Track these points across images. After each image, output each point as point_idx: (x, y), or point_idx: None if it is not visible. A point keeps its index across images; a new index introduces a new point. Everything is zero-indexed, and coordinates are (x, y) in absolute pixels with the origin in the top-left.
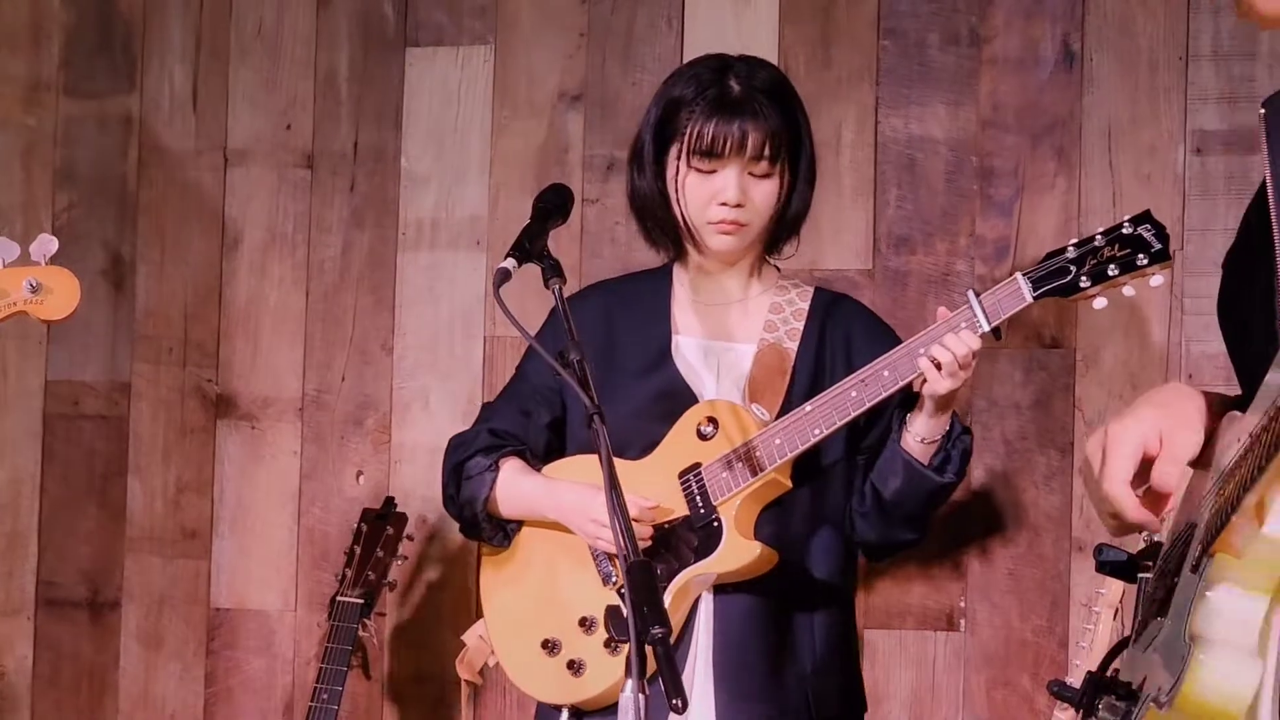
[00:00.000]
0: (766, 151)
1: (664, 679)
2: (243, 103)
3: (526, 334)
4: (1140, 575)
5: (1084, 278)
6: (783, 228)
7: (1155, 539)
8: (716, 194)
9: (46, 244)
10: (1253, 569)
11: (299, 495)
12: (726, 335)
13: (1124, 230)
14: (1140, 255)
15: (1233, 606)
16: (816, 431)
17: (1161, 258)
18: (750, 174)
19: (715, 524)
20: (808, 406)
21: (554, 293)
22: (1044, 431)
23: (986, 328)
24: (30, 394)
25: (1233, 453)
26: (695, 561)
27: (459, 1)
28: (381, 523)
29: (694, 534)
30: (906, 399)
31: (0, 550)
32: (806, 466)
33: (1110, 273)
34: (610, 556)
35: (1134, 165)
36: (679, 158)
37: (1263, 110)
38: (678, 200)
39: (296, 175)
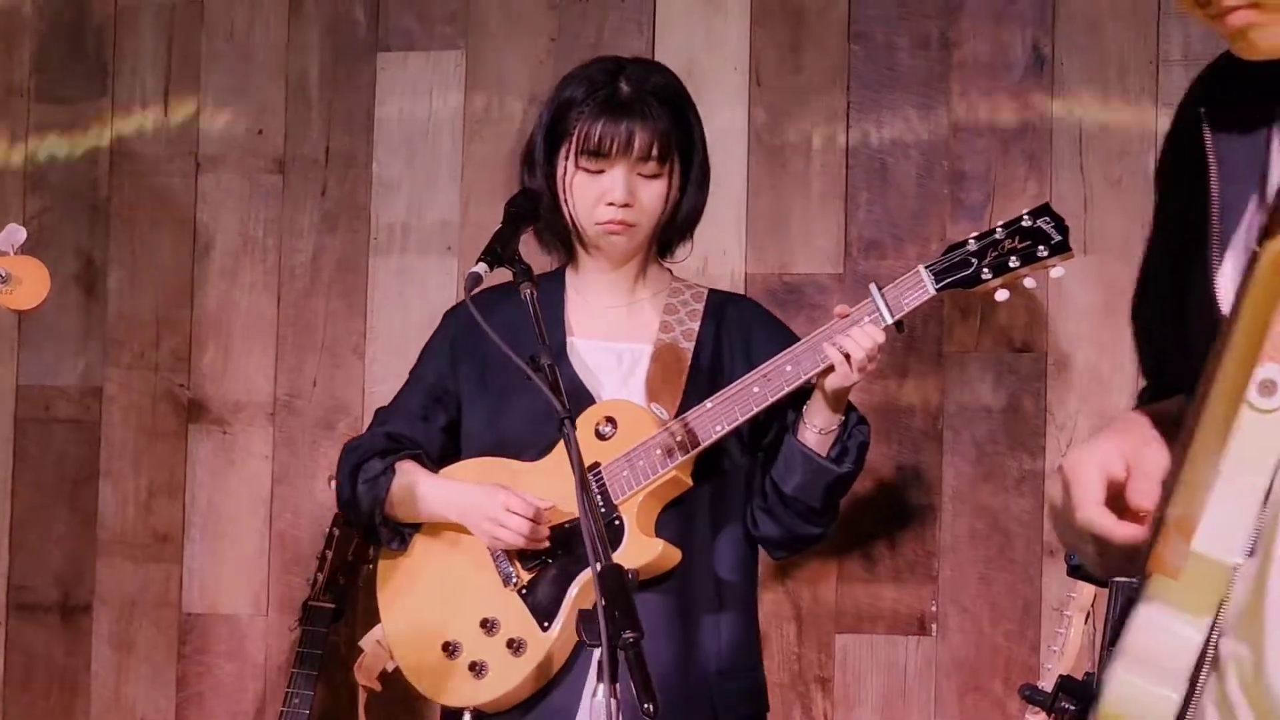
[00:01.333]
0: (654, 152)
1: (635, 683)
2: (214, 108)
3: (497, 339)
4: (1111, 579)
5: (985, 270)
6: (674, 230)
7: None
8: (604, 194)
9: (14, 233)
10: (1188, 590)
11: (270, 500)
12: (621, 336)
13: (1024, 223)
14: (1041, 247)
15: (1165, 627)
16: (718, 428)
17: (1061, 249)
18: (639, 174)
19: (616, 523)
20: (709, 403)
21: (525, 297)
22: (1015, 436)
23: (889, 320)
24: (1, 398)
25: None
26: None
27: (429, 7)
28: (353, 528)
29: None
30: (799, 394)
31: None
32: (707, 465)
33: (1011, 264)
34: (509, 556)
35: (1104, 169)
36: (567, 158)
37: (1202, 110)
38: (566, 201)
39: (268, 180)
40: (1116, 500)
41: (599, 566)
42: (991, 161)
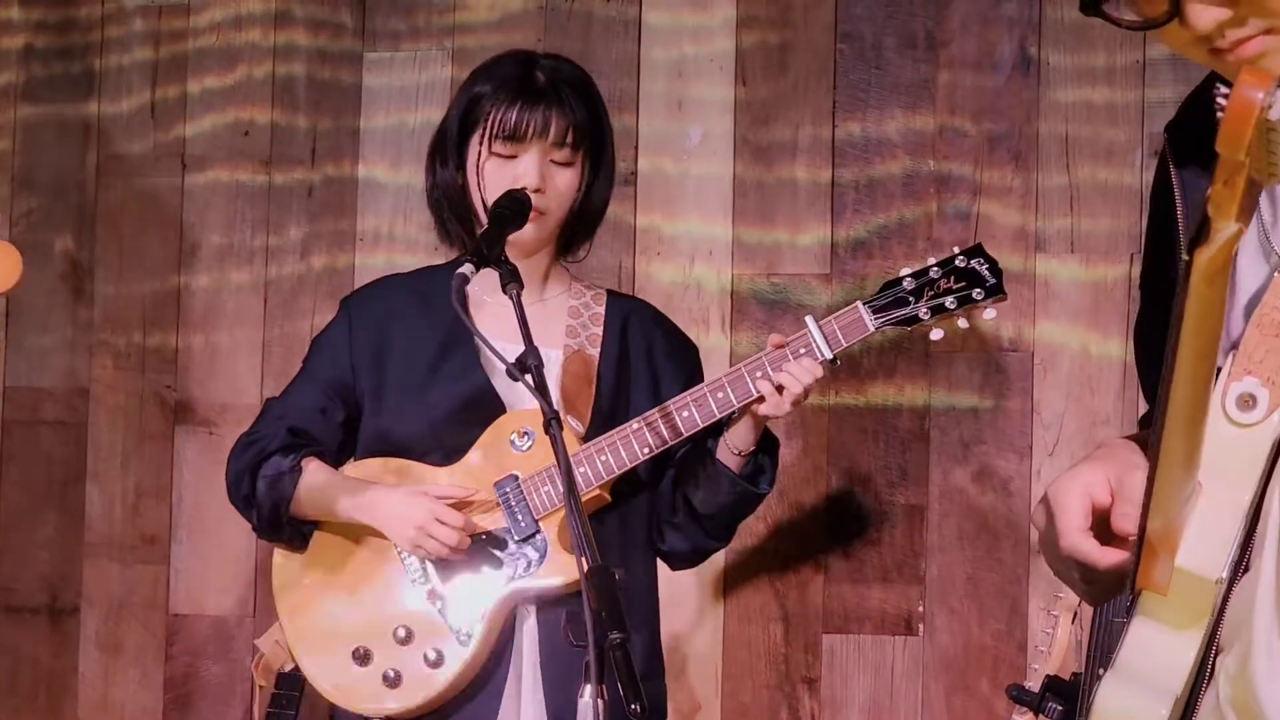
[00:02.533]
0: (569, 139)
1: (621, 683)
2: (200, 109)
3: (484, 338)
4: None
5: (923, 309)
6: (578, 225)
7: None
8: (517, 179)
9: None
10: (1175, 606)
11: None
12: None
13: (958, 263)
14: (976, 290)
15: (1154, 643)
16: (645, 450)
17: (995, 292)
18: (552, 161)
19: (538, 538)
20: (634, 424)
21: (511, 298)
22: (1002, 435)
23: (828, 355)
24: None
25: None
26: (519, 576)
27: (415, 7)
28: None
29: (515, 546)
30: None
31: None
32: (622, 481)
33: (948, 305)
34: (421, 563)
35: (1091, 169)
36: (480, 143)
37: (1166, 135)
38: (478, 187)
39: (254, 181)
40: (1102, 527)
41: (586, 567)
42: (978, 162)
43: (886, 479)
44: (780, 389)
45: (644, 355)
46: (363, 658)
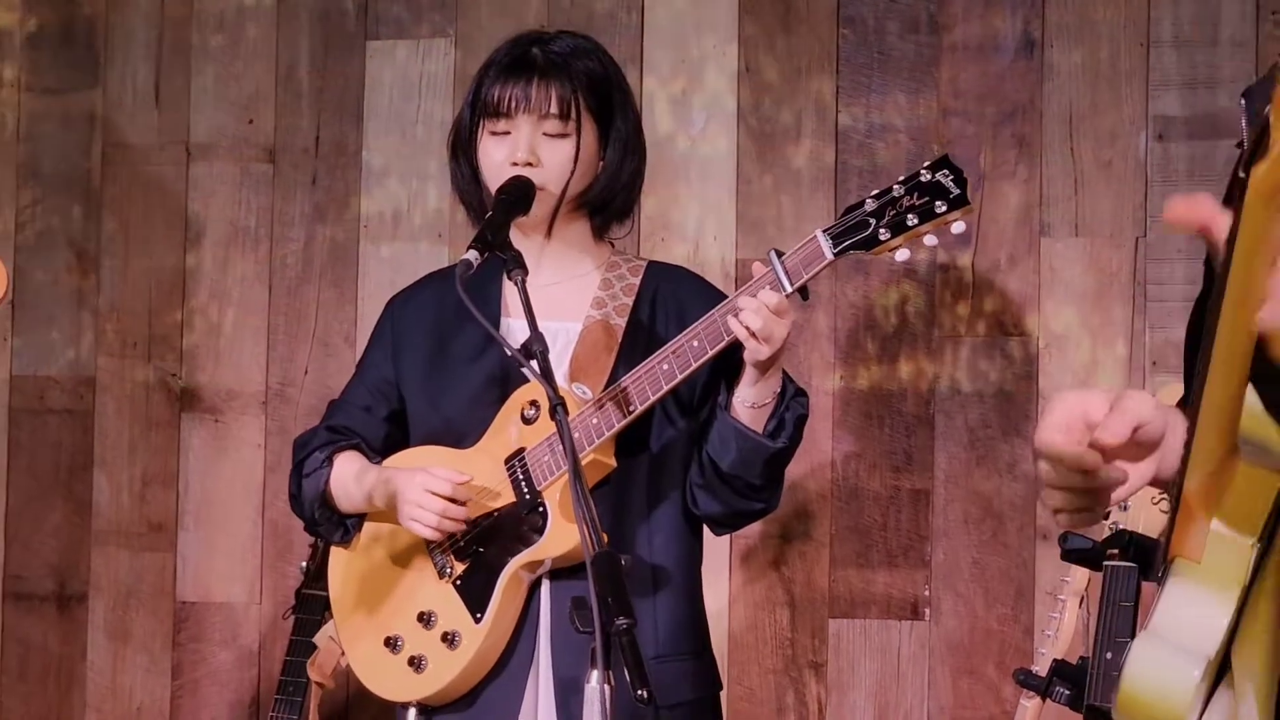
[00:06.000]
0: (555, 109)
1: (628, 669)
2: (204, 98)
3: (488, 325)
4: (1105, 563)
5: (883, 230)
6: (603, 202)
7: (1121, 527)
8: (510, 154)
9: None
10: (1211, 570)
11: (263, 488)
12: (554, 315)
13: (922, 178)
14: (939, 202)
15: (1188, 607)
16: (632, 408)
17: (961, 203)
18: (544, 134)
19: (540, 509)
20: (623, 382)
21: (516, 284)
22: (1007, 419)
23: (789, 289)
24: None
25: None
26: (525, 548)
27: None
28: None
29: (522, 520)
30: (732, 370)
31: None
32: (639, 445)
33: (910, 222)
34: (443, 548)
35: (1095, 152)
36: (478, 124)
37: (1243, 100)
38: (482, 168)
39: (258, 170)
40: (1090, 447)
41: (592, 553)
42: (982, 145)
43: (892, 463)
44: (752, 332)
45: (675, 318)
46: (393, 645)
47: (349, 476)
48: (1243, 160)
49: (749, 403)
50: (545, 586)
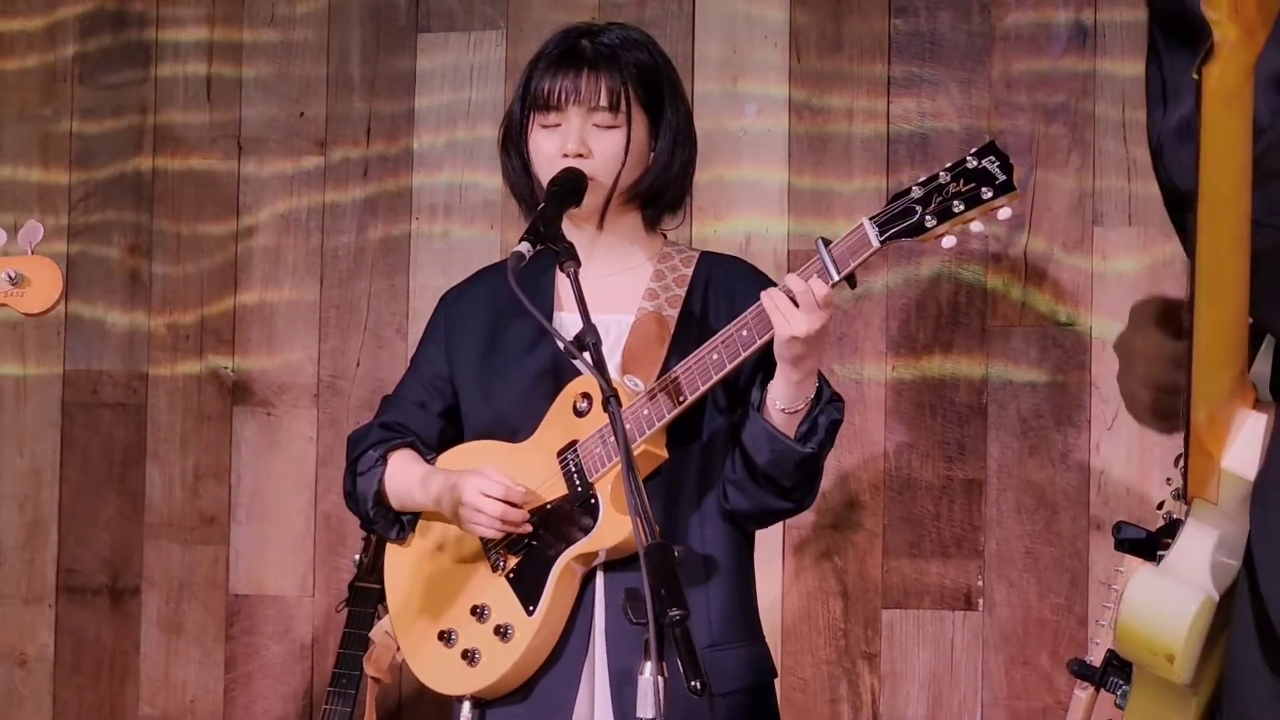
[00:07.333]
0: (605, 101)
1: (681, 660)
2: (256, 91)
3: (540, 317)
4: (1159, 552)
5: (929, 217)
6: (654, 193)
7: (1175, 517)
8: (561, 146)
9: (33, 231)
10: (1223, 509)
11: (315, 481)
12: (607, 307)
13: (968, 164)
14: (985, 189)
15: (1198, 543)
16: (682, 398)
17: (1007, 189)
18: (594, 125)
19: (593, 501)
20: (674, 373)
21: (569, 276)
22: (1060, 409)
23: (836, 277)
24: (49, 383)
25: None
26: (578, 540)
27: None
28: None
29: (574, 513)
30: (769, 369)
31: (21, 538)
32: (691, 434)
33: (956, 209)
34: (497, 542)
35: (1147, 141)
36: (528, 118)
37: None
38: (533, 163)
39: (310, 162)
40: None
41: (645, 545)
42: (1034, 134)
43: (944, 453)
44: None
45: (726, 308)
46: (447, 639)
47: (411, 478)
48: (1196, 63)
49: (781, 405)
50: (600, 579)
